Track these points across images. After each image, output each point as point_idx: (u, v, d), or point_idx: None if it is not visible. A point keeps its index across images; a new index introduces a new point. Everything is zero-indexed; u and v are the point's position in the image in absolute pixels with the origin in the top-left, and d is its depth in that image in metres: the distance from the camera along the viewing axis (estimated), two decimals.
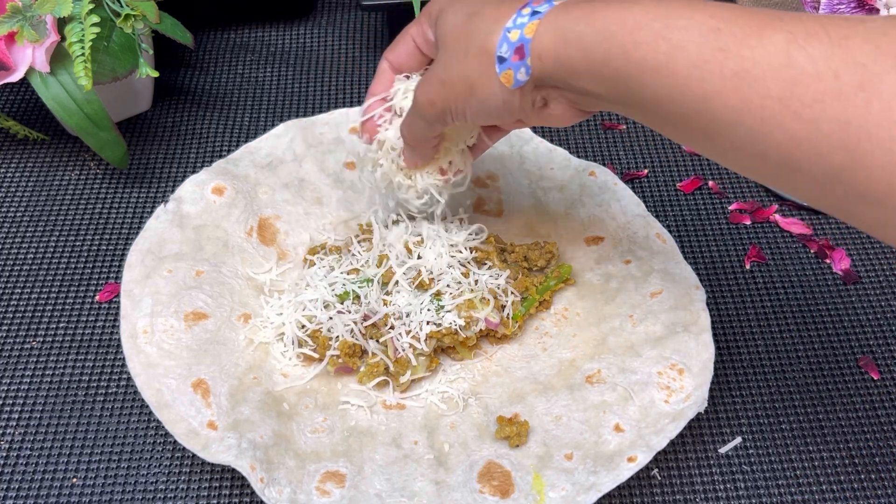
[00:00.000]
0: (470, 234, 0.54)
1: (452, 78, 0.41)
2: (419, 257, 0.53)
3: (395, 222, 0.56)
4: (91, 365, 0.56)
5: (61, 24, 0.58)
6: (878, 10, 0.57)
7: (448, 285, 0.52)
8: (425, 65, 0.48)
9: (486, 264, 0.54)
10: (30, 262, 0.61)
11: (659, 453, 0.47)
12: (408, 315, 0.51)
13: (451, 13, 0.42)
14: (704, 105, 0.34)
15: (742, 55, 0.33)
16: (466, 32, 0.41)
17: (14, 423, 0.53)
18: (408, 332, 0.51)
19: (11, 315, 0.58)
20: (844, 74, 0.31)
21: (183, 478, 0.51)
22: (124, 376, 0.55)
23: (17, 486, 0.51)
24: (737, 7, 0.35)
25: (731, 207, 0.65)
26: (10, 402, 0.54)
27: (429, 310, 0.51)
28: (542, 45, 0.38)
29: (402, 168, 0.50)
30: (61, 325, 0.58)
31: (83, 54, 0.57)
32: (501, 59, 0.39)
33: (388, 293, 0.52)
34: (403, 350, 0.51)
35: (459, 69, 0.41)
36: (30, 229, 0.63)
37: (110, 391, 0.55)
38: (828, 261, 0.61)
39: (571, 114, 0.42)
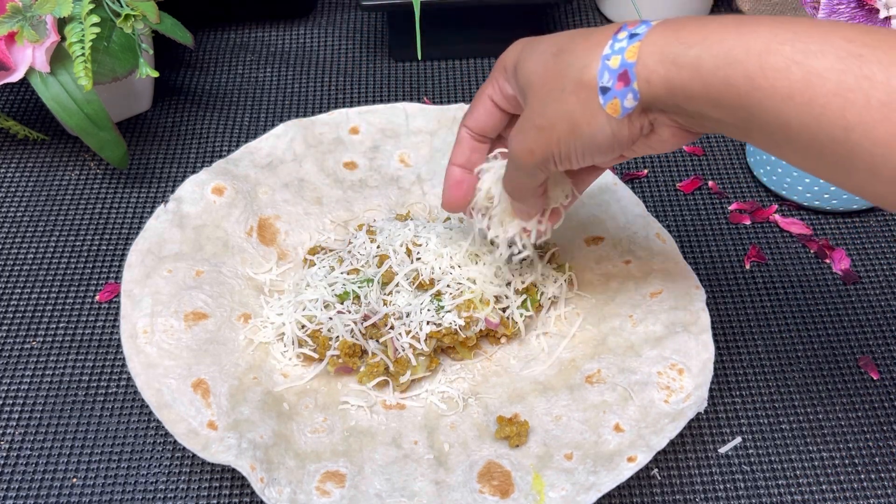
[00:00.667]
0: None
1: (551, 120, 0.39)
2: (419, 257, 0.53)
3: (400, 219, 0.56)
4: (91, 365, 0.56)
5: (61, 24, 0.58)
6: (877, 10, 0.57)
7: (448, 286, 0.52)
8: (506, 124, 0.46)
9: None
10: (30, 262, 0.61)
11: (659, 453, 0.47)
12: (408, 315, 0.51)
13: (534, 58, 0.40)
14: (845, 135, 0.32)
15: (891, 84, 0.31)
16: (557, 71, 0.38)
17: (14, 423, 0.53)
18: (408, 333, 0.51)
19: (11, 315, 0.58)
20: None
21: (183, 478, 0.51)
22: (124, 376, 0.55)
23: (17, 486, 0.51)
24: (873, 29, 0.33)
25: (730, 207, 0.65)
26: (10, 402, 0.54)
27: (429, 310, 0.51)
28: (648, 68, 0.36)
29: (496, 218, 0.49)
30: (61, 325, 0.58)
31: (83, 54, 0.57)
32: (605, 90, 0.37)
33: (388, 293, 0.52)
34: (403, 350, 0.51)
35: (557, 109, 0.39)
36: (30, 229, 0.63)
37: (110, 391, 0.55)
38: (828, 261, 0.61)
39: (680, 137, 0.40)
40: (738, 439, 0.53)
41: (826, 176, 0.35)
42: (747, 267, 0.61)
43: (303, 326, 0.52)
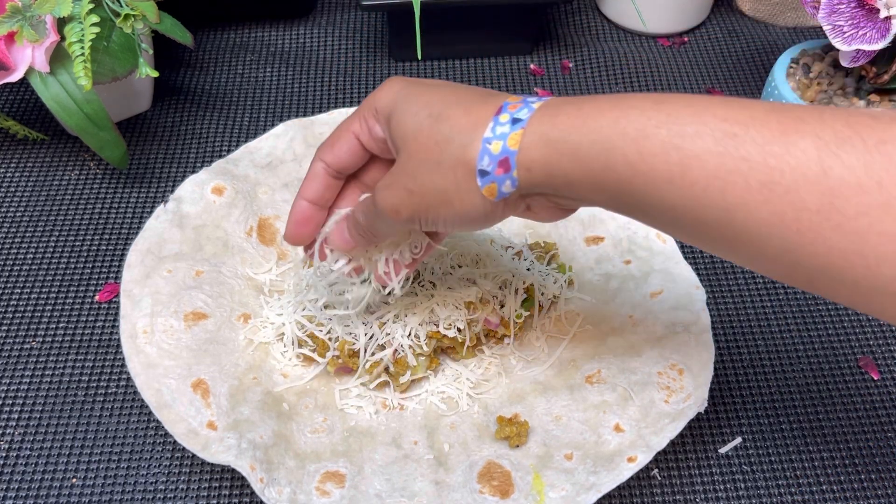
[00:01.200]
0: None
1: (424, 189, 0.38)
2: None
3: None
4: (91, 365, 0.56)
5: (61, 24, 0.58)
6: (877, 10, 0.57)
7: (449, 287, 0.52)
8: (365, 161, 0.44)
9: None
10: (30, 262, 0.61)
11: (659, 453, 0.47)
12: (406, 315, 0.51)
13: (408, 114, 0.39)
14: (728, 216, 0.32)
15: (769, 164, 0.30)
16: (435, 140, 0.37)
17: (14, 423, 0.53)
18: (408, 336, 0.51)
19: (11, 315, 0.58)
20: (890, 185, 0.29)
21: (183, 478, 0.51)
22: (124, 376, 0.55)
23: (17, 486, 0.51)
24: (746, 103, 0.33)
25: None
26: (10, 402, 0.54)
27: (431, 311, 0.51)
28: (529, 156, 0.35)
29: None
30: (61, 325, 0.58)
31: (83, 54, 0.57)
32: (483, 173, 0.36)
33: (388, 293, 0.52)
34: (403, 350, 0.51)
35: (431, 181, 0.38)
36: (30, 229, 0.63)
37: (110, 391, 0.55)
38: None
39: (556, 213, 0.40)
40: (738, 439, 0.53)
41: (717, 252, 0.35)
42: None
43: (302, 327, 0.52)
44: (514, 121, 0.36)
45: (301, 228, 0.46)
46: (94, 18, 0.57)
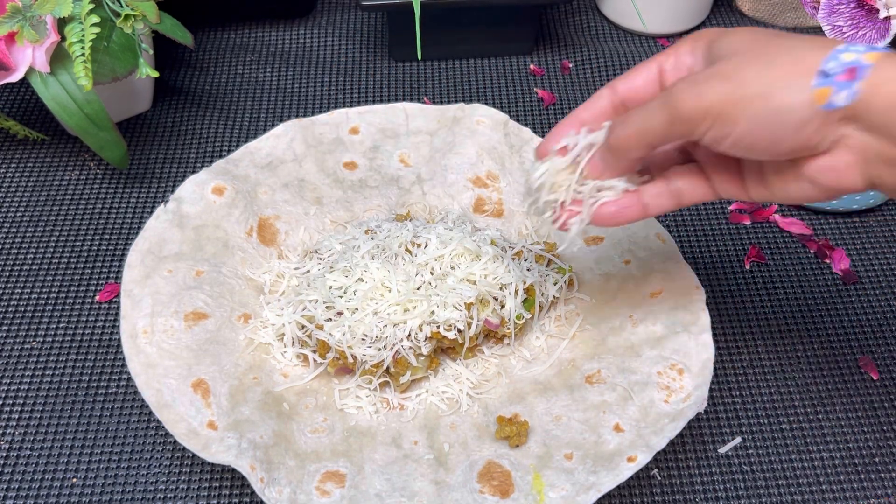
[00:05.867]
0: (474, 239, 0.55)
1: (744, 78, 0.35)
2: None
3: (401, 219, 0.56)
4: (91, 365, 0.56)
5: (61, 24, 0.58)
6: (877, 10, 0.57)
7: (453, 289, 0.52)
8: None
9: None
10: (30, 262, 0.61)
11: (659, 453, 0.47)
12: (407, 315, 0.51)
13: (740, 34, 0.37)
14: None
15: None
16: (770, 46, 0.35)
17: (14, 423, 0.53)
18: (407, 336, 0.51)
19: (11, 315, 0.58)
20: None
21: (183, 478, 0.51)
22: (124, 376, 0.55)
23: (17, 486, 0.51)
24: None
25: (730, 207, 0.65)
26: (10, 402, 0.54)
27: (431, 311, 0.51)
28: (881, 76, 0.33)
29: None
30: (61, 325, 0.58)
31: (83, 54, 0.57)
32: (825, 74, 0.34)
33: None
34: (403, 351, 0.51)
35: (756, 73, 0.35)
36: (30, 229, 0.63)
37: (110, 391, 0.55)
38: (827, 261, 0.61)
39: (852, 178, 0.36)
40: (738, 439, 0.53)
41: None
42: (747, 267, 0.61)
43: (302, 327, 0.52)
44: (872, 47, 0.34)
45: (557, 142, 0.43)
46: (95, 19, 0.57)
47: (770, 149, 0.36)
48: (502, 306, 0.53)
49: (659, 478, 0.51)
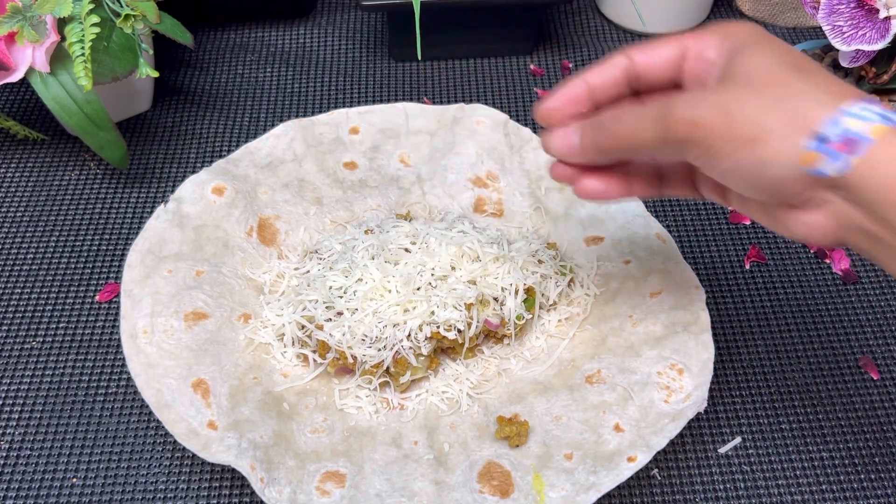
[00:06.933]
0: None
1: (742, 115, 0.34)
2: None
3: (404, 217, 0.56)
4: (91, 365, 0.56)
5: (61, 24, 0.58)
6: (877, 11, 0.57)
7: (453, 289, 0.52)
8: (671, 81, 0.40)
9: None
10: (30, 262, 0.61)
11: (659, 453, 0.47)
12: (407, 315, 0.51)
13: (765, 52, 0.35)
14: None
15: None
16: (786, 84, 0.34)
17: (14, 423, 0.53)
18: (407, 337, 0.51)
19: (11, 315, 0.58)
20: None
21: (183, 478, 0.51)
22: (124, 376, 0.55)
23: (17, 486, 0.51)
24: None
25: (730, 207, 0.64)
26: (10, 402, 0.54)
27: (431, 313, 0.51)
28: (879, 156, 0.31)
29: None
30: (61, 325, 0.58)
31: (83, 54, 0.57)
32: (821, 139, 0.32)
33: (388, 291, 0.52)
34: (403, 351, 0.51)
35: (756, 112, 0.34)
36: (30, 229, 0.63)
37: (110, 391, 0.55)
38: (827, 261, 0.61)
39: (822, 237, 0.35)
40: (738, 439, 0.53)
41: None
42: (747, 267, 0.61)
43: (302, 327, 0.52)
44: (885, 118, 0.32)
45: (561, 105, 0.41)
46: (95, 19, 0.57)
47: (751, 191, 0.36)
48: (502, 306, 0.53)
49: (659, 478, 0.51)
